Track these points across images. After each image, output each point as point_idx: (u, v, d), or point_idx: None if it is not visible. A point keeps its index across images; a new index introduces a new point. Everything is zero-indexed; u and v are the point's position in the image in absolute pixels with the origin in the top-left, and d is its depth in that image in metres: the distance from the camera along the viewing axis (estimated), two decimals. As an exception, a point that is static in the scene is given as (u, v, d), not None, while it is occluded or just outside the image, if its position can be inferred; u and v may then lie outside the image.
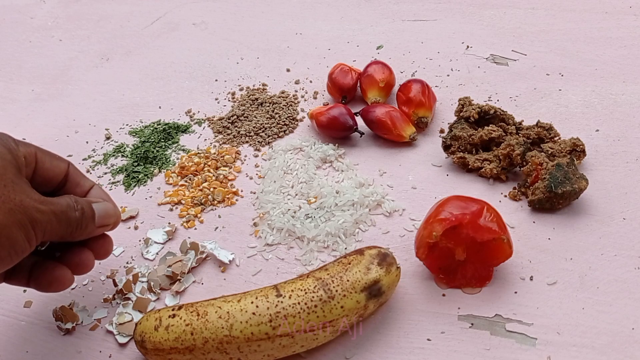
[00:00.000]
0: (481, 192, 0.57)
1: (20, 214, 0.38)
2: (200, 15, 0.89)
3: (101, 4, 0.94)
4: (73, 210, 0.43)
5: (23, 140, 0.44)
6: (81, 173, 0.48)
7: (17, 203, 0.38)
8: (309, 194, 0.58)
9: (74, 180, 0.47)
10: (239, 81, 0.75)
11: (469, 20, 0.82)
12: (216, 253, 0.53)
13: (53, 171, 0.45)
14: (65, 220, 0.42)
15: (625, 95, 0.67)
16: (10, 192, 0.38)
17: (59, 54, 0.84)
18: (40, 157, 0.44)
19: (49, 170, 0.44)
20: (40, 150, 0.44)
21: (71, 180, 0.46)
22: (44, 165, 0.44)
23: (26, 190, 0.40)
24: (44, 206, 0.40)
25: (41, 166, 0.44)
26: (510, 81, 0.71)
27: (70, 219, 0.42)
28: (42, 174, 0.44)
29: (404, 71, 0.74)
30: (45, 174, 0.44)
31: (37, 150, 0.44)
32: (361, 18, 0.85)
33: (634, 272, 0.49)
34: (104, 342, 0.48)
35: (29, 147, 0.43)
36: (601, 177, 0.58)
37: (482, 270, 0.49)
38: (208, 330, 0.43)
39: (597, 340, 0.45)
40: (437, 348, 0.46)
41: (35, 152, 0.44)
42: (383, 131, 0.63)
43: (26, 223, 0.39)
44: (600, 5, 0.81)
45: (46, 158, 0.44)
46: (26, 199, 0.39)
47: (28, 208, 0.39)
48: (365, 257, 0.46)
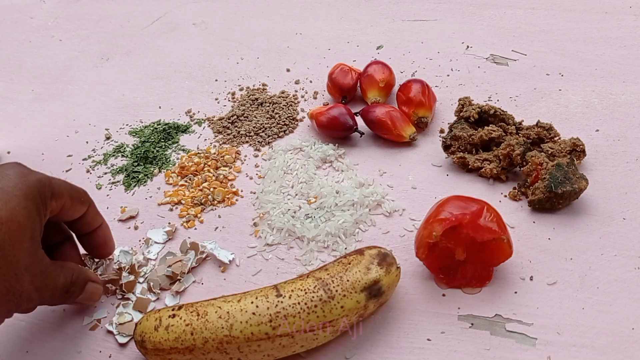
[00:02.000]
0: (481, 192, 0.57)
1: (12, 304, 0.39)
2: (200, 15, 0.89)
3: (101, 4, 0.94)
4: (65, 292, 0.44)
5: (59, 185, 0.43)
6: (96, 212, 0.48)
7: (16, 294, 0.39)
8: (309, 194, 0.58)
9: (86, 220, 0.47)
10: (239, 81, 0.75)
11: (469, 20, 0.82)
12: (216, 253, 0.53)
13: (71, 216, 0.45)
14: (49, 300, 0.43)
15: (625, 95, 0.67)
16: (18, 282, 0.38)
17: (59, 54, 0.84)
18: (67, 205, 0.44)
19: (68, 215, 0.45)
20: (71, 197, 0.44)
21: (84, 220, 0.47)
22: (67, 212, 0.44)
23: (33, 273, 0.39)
24: (37, 294, 0.40)
25: (64, 213, 0.44)
26: (510, 81, 0.71)
27: (54, 299, 0.43)
28: (60, 218, 0.44)
29: (404, 71, 0.74)
30: (62, 218, 0.45)
31: (67, 201, 0.43)
32: (361, 18, 0.85)
33: (634, 272, 0.49)
34: (104, 342, 0.48)
35: (61, 198, 0.42)
36: (601, 177, 0.58)
37: (482, 270, 0.49)
38: (208, 330, 0.43)
39: (597, 340, 0.45)
40: (437, 348, 0.46)
41: (65, 203, 0.43)
42: (383, 131, 0.63)
43: (12, 310, 0.40)
44: (600, 5, 0.81)
45: (72, 204, 0.44)
46: (27, 287, 0.39)
47: (22, 297, 0.39)
48: (365, 257, 0.46)
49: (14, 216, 0.38)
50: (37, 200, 0.40)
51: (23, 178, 0.40)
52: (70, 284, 0.44)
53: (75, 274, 0.45)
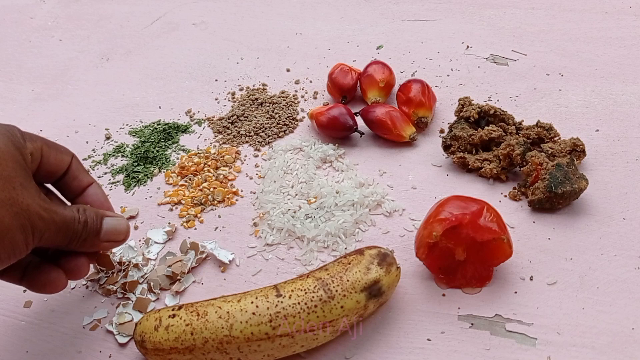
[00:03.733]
0: (481, 192, 0.57)
1: (23, 218, 0.39)
2: (200, 15, 0.89)
3: (101, 4, 0.94)
4: (76, 222, 0.43)
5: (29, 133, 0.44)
6: (82, 168, 0.48)
7: (23, 207, 0.38)
8: (309, 194, 0.58)
9: (73, 174, 0.47)
10: (239, 81, 0.75)
11: (469, 20, 0.82)
12: (216, 253, 0.53)
13: (56, 165, 0.45)
14: (64, 231, 0.42)
15: (625, 95, 0.67)
16: (19, 195, 0.38)
17: (59, 54, 0.84)
18: (45, 151, 0.44)
19: (52, 164, 0.45)
20: (46, 143, 0.44)
21: (70, 173, 0.46)
22: (48, 159, 0.44)
23: (33, 194, 0.40)
24: (46, 214, 0.40)
25: (46, 161, 0.44)
26: (510, 81, 0.71)
27: (69, 230, 0.42)
28: (45, 168, 0.44)
29: (404, 71, 0.74)
30: (48, 168, 0.45)
31: (43, 145, 0.44)
32: (361, 18, 0.85)
33: (634, 272, 0.49)
34: (104, 342, 0.48)
35: (35, 141, 0.43)
36: (601, 177, 0.58)
37: (482, 270, 0.49)
38: (208, 330, 0.43)
39: (597, 340, 0.45)
40: (437, 348, 0.46)
41: (42, 146, 0.44)
42: (383, 131, 0.63)
43: (27, 227, 0.39)
44: (600, 5, 0.81)
45: (51, 152, 0.45)
46: (32, 203, 0.39)
47: (32, 213, 0.39)
48: (365, 257, 0.46)
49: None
50: (9, 136, 0.40)
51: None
52: (78, 215, 0.43)
53: (80, 207, 0.44)
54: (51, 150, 0.45)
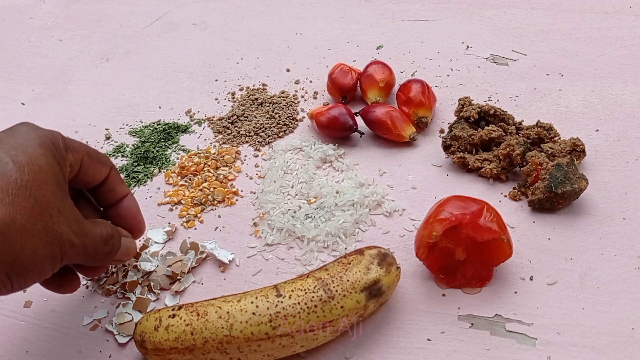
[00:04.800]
0: (481, 192, 0.57)
1: (55, 247, 0.38)
2: (200, 15, 0.89)
3: (101, 4, 0.94)
4: (105, 244, 0.43)
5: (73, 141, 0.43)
6: (120, 179, 0.47)
7: (56, 236, 0.38)
8: (309, 194, 0.58)
9: (110, 185, 0.46)
10: (239, 81, 0.75)
11: (469, 20, 0.82)
12: (216, 253, 0.53)
13: (94, 177, 0.45)
14: (93, 253, 0.42)
15: (625, 95, 0.67)
16: (55, 224, 0.38)
17: (59, 54, 0.84)
18: (85, 162, 0.43)
19: (89, 175, 0.44)
20: (88, 154, 0.44)
21: (108, 185, 0.46)
22: (87, 171, 0.44)
23: (68, 218, 0.39)
24: (78, 239, 0.40)
25: (84, 172, 0.44)
26: (510, 81, 0.71)
27: (97, 252, 0.43)
28: (82, 179, 0.44)
29: (404, 71, 0.74)
30: (85, 179, 0.44)
31: (84, 155, 0.43)
32: (361, 18, 0.85)
33: (634, 272, 0.49)
34: (104, 342, 0.48)
35: (77, 152, 0.43)
36: (601, 177, 0.58)
37: (482, 270, 0.49)
38: (208, 330, 0.43)
39: (597, 340, 0.45)
40: (437, 348, 0.46)
41: (83, 157, 0.43)
42: (383, 131, 0.63)
43: (57, 256, 0.39)
44: (600, 5, 0.81)
45: (91, 163, 0.44)
46: (66, 230, 0.39)
47: (64, 241, 0.39)
48: (365, 257, 0.46)
49: (33, 160, 0.38)
50: (53, 149, 0.40)
51: (34, 131, 0.40)
52: (108, 236, 0.43)
53: (110, 227, 0.44)
54: (92, 161, 0.44)
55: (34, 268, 0.38)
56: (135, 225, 0.48)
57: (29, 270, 0.37)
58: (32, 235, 0.37)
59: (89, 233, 0.41)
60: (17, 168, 0.37)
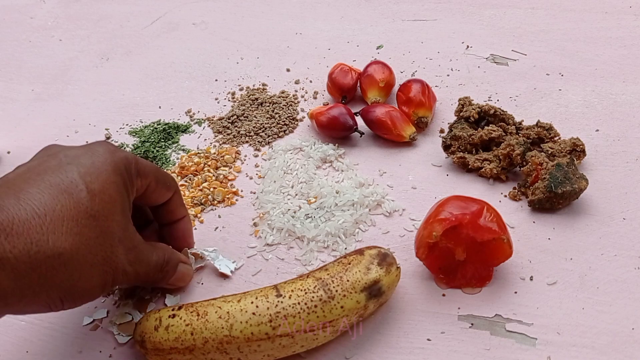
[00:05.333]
0: (481, 192, 0.57)
1: (108, 275, 0.39)
2: (200, 15, 0.89)
3: (101, 4, 0.94)
4: (159, 271, 0.43)
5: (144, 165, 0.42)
6: (181, 201, 0.48)
7: (112, 266, 0.39)
8: (309, 194, 0.58)
9: (171, 207, 0.47)
10: (239, 81, 0.75)
11: (469, 20, 0.82)
12: (217, 264, 0.52)
13: (156, 200, 0.45)
14: (144, 278, 0.43)
15: (625, 95, 0.67)
16: (114, 254, 0.39)
17: (59, 54, 0.84)
18: (151, 187, 0.43)
19: (152, 199, 0.45)
20: (156, 179, 0.44)
21: (168, 207, 0.46)
22: (151, 195, 0.44)
23: (127, 246, 0.40)
24: (132, 267, 0.40)
25: (148, 195, 0.44)
26: (510, 81, 0.71)
27: (149, 277, 0.43)
28: (145, 200, 0.44)
29: (404, 71, 0.74)
30: (147, 200, 0.44)
31: (152, 181, 0.43)
32: (361, 18, 0.85)
33: (634, 272, 0.49)
34: (104, 342, 0.48)
35: (147, 177, 0.42)
36: (601, 177, 0.58)
37: (482, 270, 0.49)
38: (208, 330, 0.43)
39: (597, 340, 0.45)
40: (437, 348, 0.46)
41: (150, 183, 0.43)
42: (383, 131, 0.63)
43: (109, 282, 0.39)
44: (600, 5, 0.81)
45: (157, 188, 0.44)
46: (122, 259, 0.39)
47: (118, 270, 0.39)
48: (365, 257, 0.46)
49: (105, 189, 0.38)
50: (124, 176, 0.40)
51: (111, 154, 0.40)
52: (163, 263, 0.44)
53: (167, 253, 0.45)
54: (158, 185, 0.44)
55: (85, 295, 0.38)
56: (184, 244, 0.50)
57: (81, 296, 0.38)
58: (91, 265, 0.37)
59: (143, 261, 0.42)
60: (89, 197, 0.37)
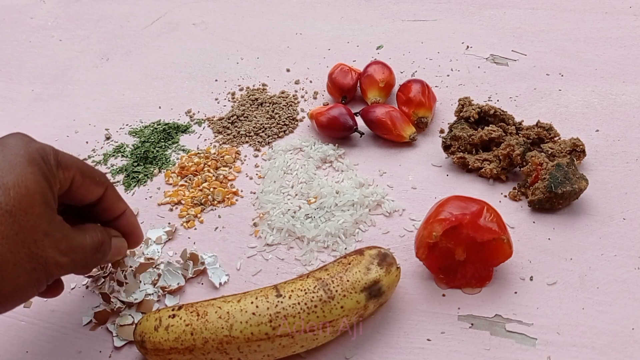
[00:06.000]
0: (481, 192, 0.57)
1: (40, 272, 0.37)
2: (200, 15, 0.89)
3: (101, 4, 0.94)
4: (96, 252, 0.42)
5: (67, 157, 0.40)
6: (117, 197, 0.45)
7: (41, 261, 0.37)
8: (309, 194, 0.58)
9: (106, 205, 0.45)
10: (239, 81, 0.75)
11: (469, 20, 0.82)
12: (211, 272, 0.52)
13: (85, 195, 0.43)
14: (83, 264, 0.41)
15: (625, 95, 0.67)
16: (39, 248, 0.37)
17: (59, 54, 0.84)
18: (77, 180, 0.41)
19: (80, 194, 0.42)
20: (80, 171, 0.41)
21: (103, 204, 0.44)
22: (78, 189, 0.42)
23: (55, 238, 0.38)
24: (66, 257, 0.39)
25: (75, 190, 0.42)
26: (510, 81, 0.71)
27: (88, 262, 0.41)
28: (73, 196, 0.42)
29: (404, 71, 0.74)
30: (76, 197, 0.42)
31: (77, 173, 0.41)
32: (361, 18, 0.85)
33: (634, 272, 0.49)
34: (104, 342, 0.48)
35: (69, 169, 0.40)
36: (601, 177, 0.58)
37: (482, 270, 0.49)
38: (208, 330, 0.43)
39: (597, 340, 0.45)
40: (437, 348, 0.46)
41: (74, 175, 0.41)
42: (383, 131, 0.63)
43: (42, 279, 0.38)
44: (600, 5, 0.81)
45: (84, 182, 0.42)
46: (52, 252, 0.37)
47: (49, 264, 0.38)
48: (365, 257, 0.46)
49: (20, 181, 0.36)
50: (42, 167, 0.38)
51: (25, 145, 0.38)
52: (99, 243, 0.42)
53: (99, 231, 0.43)
54: (84, 179, 0.42)
55: (14, 296, 0.37)
56: (132, 239, 0.48)
57: (9, 298, 0.36)
58: (13, 264, 0.35)
59: (78, 247, 0.40)
60: (2, 192, 0.35)
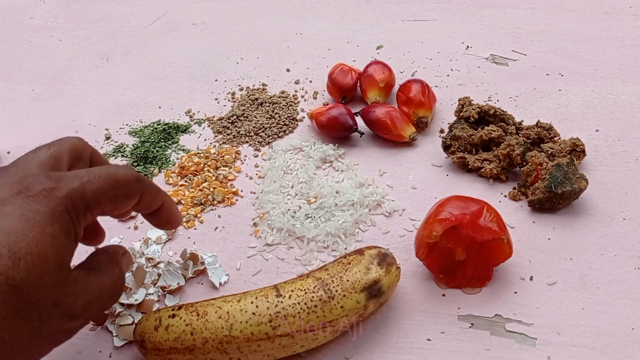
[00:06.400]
0: (481, 192, 0.57)
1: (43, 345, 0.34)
2: (200, 15, 0.89)
3: (101, 4, 0.94)
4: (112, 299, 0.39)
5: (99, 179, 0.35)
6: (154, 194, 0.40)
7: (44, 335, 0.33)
8: (309, 194, 0.58)
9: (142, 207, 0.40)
10: (239, 81, 0.75)
11: (469, 20, 0.82)
12: (210, 272, 0.52)
13: (117, 214, 0.39)
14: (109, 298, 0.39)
15: (625, 95, 0.67)
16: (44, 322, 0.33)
17: (59, 54, 0.84)
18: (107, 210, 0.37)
19: (112, 215, 0.39)
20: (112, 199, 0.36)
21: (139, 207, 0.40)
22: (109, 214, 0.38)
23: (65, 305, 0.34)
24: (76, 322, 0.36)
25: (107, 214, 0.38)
26: (510, 81, 0.71)
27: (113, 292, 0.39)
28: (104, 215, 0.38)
29: (404, 71, 0.74)
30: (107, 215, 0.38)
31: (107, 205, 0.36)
32: (361, 18, 0.85)
33: (634, 272, 0.49)
34: (104, 342, 0.48)
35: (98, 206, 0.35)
36: (601, 177, 0.58)
37: (482, 270, 0.49)
38: (208, 330, 0.43)
39: (597, 340, 0.45)
40: (437, 348, 0.46)
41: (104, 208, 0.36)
42: (383, 131, 0.63)
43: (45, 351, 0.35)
44: (600, 5, 0.81)
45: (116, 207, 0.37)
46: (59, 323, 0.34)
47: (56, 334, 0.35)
48: (365, 257, 0.46)
49: (34, 248, 0.31)
50: (66, 222, 0.33)
51: (48, 195, 0.33)
52: (118, 276, 0.39)
53: (112, 262, 0.39)
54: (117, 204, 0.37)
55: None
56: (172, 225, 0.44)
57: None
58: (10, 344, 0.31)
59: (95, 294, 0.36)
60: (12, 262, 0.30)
